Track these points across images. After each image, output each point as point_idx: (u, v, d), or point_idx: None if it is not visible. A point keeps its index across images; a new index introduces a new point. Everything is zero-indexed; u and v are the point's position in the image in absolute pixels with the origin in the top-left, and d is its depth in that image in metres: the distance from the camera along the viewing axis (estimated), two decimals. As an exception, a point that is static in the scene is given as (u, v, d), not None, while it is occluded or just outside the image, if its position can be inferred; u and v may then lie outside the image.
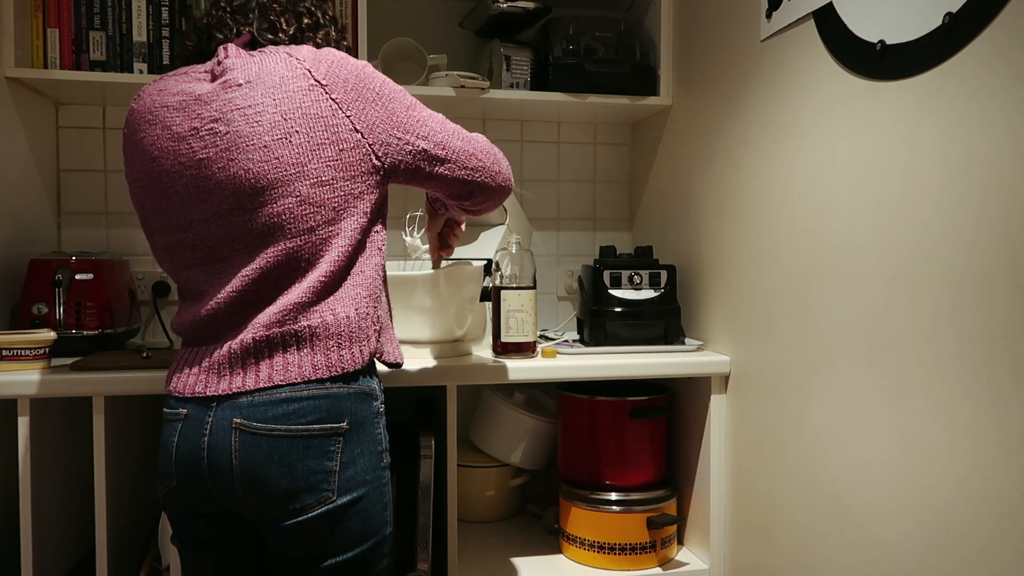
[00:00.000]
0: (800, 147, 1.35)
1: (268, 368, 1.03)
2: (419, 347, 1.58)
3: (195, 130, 1.04)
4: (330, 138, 1.04)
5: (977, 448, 0.98)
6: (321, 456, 1.03)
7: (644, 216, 2.11)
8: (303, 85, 1.04)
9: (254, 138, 1.02)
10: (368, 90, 1.08)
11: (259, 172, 1.02)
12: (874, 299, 1.16)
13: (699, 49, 1.75)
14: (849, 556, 1.22)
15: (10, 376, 1.33)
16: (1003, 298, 0.94)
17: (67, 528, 1.52)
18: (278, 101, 1.03)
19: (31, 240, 1.74)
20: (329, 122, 1.04)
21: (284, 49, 1.09)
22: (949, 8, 1.01)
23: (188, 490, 1.06)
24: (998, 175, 0.95)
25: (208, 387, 1.04)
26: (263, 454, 1.01)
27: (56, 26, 1.67)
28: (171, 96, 1.07)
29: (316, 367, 1.04)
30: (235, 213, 1.04)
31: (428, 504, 1.51)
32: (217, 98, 1.04)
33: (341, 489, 1.04)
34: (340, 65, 1.08)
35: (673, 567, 1.65)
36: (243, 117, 1.03)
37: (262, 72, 1.05)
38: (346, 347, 1.06)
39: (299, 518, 1.02)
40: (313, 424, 1.03)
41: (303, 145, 1.03)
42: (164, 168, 1.06)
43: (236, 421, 1.02)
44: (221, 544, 1.10)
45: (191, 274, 1.09)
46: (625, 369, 1.58)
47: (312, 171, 1.03)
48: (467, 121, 2.11)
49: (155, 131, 1.07)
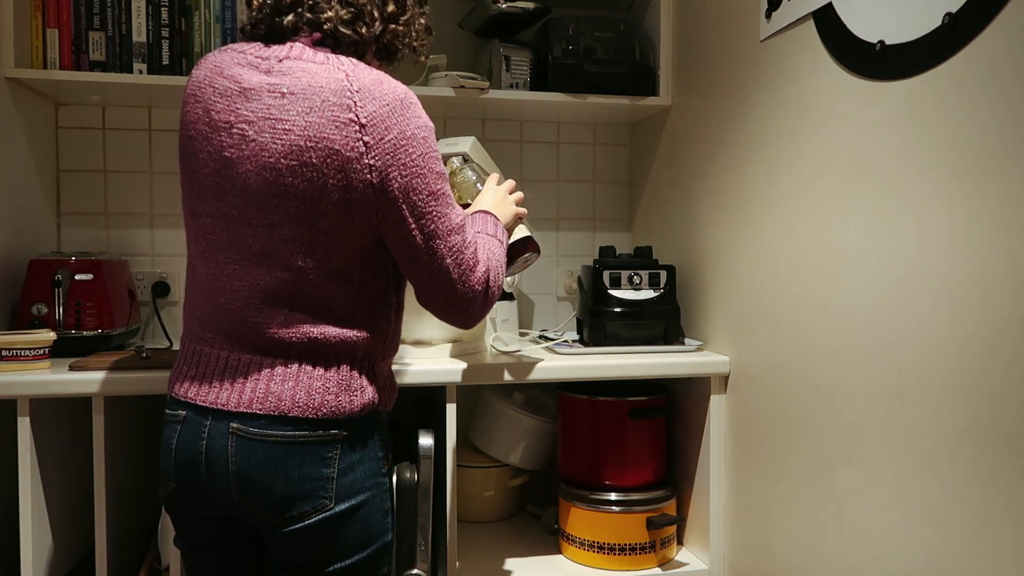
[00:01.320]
0: (799, 147, 1.35)
1: (263, 390, 1.01)
2: (419, 347, 1.59)
3: (229, 125, 1.01)
4: (344, 180, 0.98)
5: (976, 448, 0.98)
6: (318, 463, 1.01)
7: (643, 216, 2.11)
8: (341, 117, 0.97)
9: (273, 156, 0.98)
10: (406, 154, 1.00)
11: (267, 192, 0.99)
12: (874, 299, 1.16)
13: (699, 49, 1.75)
14: (848, 556, 1.22)
15: (10, 376, 1.33)
16: (1003, 298, 0.94)
17: (67, 528, 1.52)
18: (308, 125, 0.97)
19: (31, 240, 1.74)
20: (349, 165, 0.98)
21: (350, 62, 1.01)
22: (948, 8, 1.01)
23: (187, 492, 1.05)
24: (998, 175, 0.95)
25: (199, 396, 1.04)
26: (259, 460, 0.99)
27: (56, 26, 1.67)
28: (221, 78, 1.03)
29: (310, 397, 1.02)
30: (241, 224, 1.01)
31: (428, 504, 1.51)
32: (259, 99, 1.00)
33: (339, 496, 1.02)
34: (392, 114, 0.99)
35: (673, 567, 1.65)
36: (272, 130, 0.98)
37: (309, 87, 0.98)
38: (343, 393, 1.04)
39: (296, 525, 1.01)
40: (309, 432, 1.01)
41: (313, 180, 0.98)
42: (193, 150, 1.04)
43: (233, 426, 1.00)
44: (224, 546, 1.09)
45: (195, 263, 1.07)
46: (625, 369, 1.58)
47: (315, 209, 0.98)
48: (466, 121, 2.11)
49: (197, 110, 1.03)
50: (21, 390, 1.33)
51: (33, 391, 1.34)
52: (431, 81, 1.82)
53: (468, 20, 1.93)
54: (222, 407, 1.01)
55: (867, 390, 1.18)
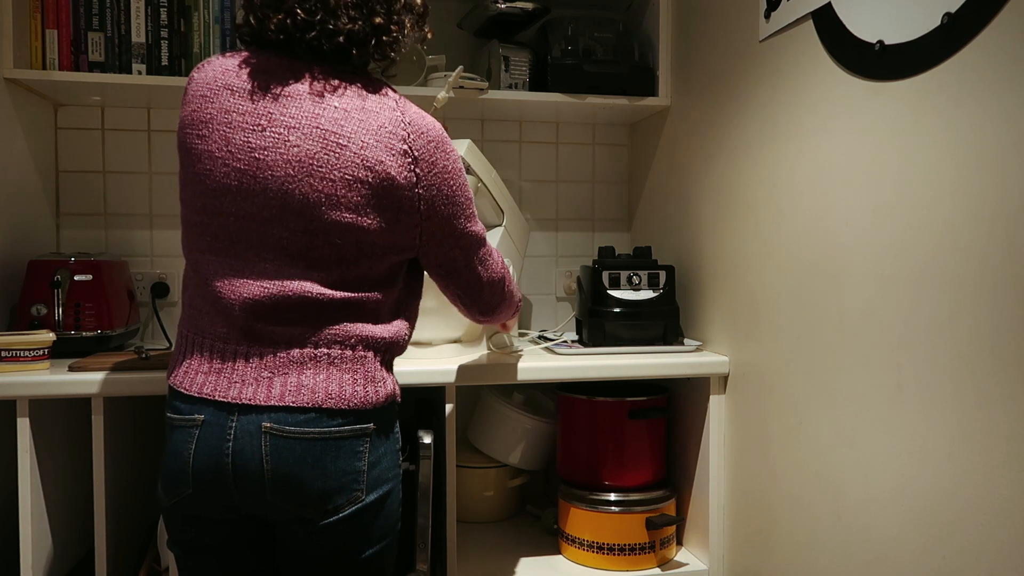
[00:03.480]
0: (799, 147, 1.35)
1: (295, 383, 1.02)
2: (419, 348, 1.59)
3: (260, 127, 1.01)
4: (394, 204, 1.05)
5: (976, 448, 0.98)
6: (351, 457, 1.04)
7: (643, 216, 2.11)
8: (396, 147, 1.04)
9: (324, 167, 1.01)
10: (448, 186, 1.10)
11: (315, 201, 1.01)
12: (873, 299, 1.16)
13: (697, 50, 1.75)
14: (848, 556, 1.23)
15: (9, 377, 1.33)
16: (1003, 298, 0.94)
17: (67, 528, 1.52)
18: (365, 145, 1.02)
19: (30, 241, 1.74)
20: (401, 192, 1.05)
21: (392, 91, 1.09)
22: (948, 8, 1.01)
23: (204, 496, 1.04)
24: (997, 175, 0.95)
25: (219, 392, 1.02)
26: (296, 457, 1.01)
27: (55, 27, 1.67)
28: (238, 80, 1.03)
29: (342, 390, 1.05)
30: (274, 225, 1.02)
31: (427, 505, 1.51)
32: (298, 105, 1.02)
33: (370, 487, 1.06)
34: (437, 149, 1.08)
35: (672, 567, 1.65)
36: (322, 140, 1.01)
37: (363, 110, 1.04)
38: (370, 385, 1.08)
39: (331, 518, 1.03)
40: (344, 426, 1.03)
41: (366, 196, 1.03)
42: (208, 149, 1.02)
43: (266, 425, 1.00)
44: (223, 549, 1.08)
45: (204, 258, 1.06)
46: (624, 370, 1.58)
47: (362, 224, 1.03)
48: (466, 122, 2.11)
49: (210, 110, 1.03)
50: (21, 391, 1.33)
51: (32, 392, 1.34)
52: (430, 81, 1.83)
53: (467, 20, 1.93)
54: (248, 402, 1.01)
55: (866, 390, 1.18)
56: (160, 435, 1.79)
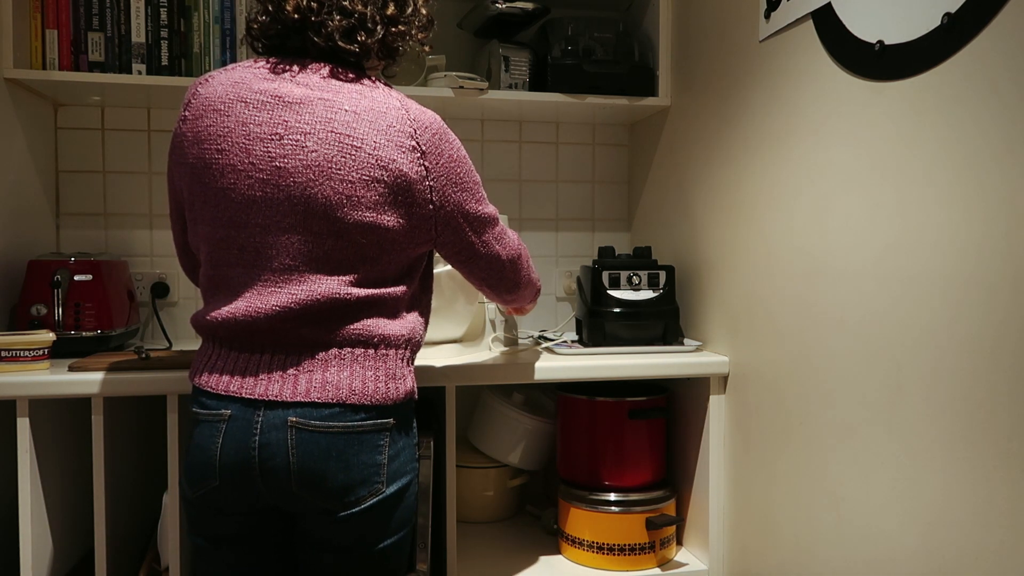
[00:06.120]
0: (799, 147, 1.35)
1: (319, 380, 1.06)
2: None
3: (277, 136, 1.04)
4: (408, 199, 1.08)
5: (976, 448, 0.98)
6: (373, 450, 1.07)
7: (643, 217, 2.11)
8: (405, 143, 1.07)
9: (343, 169, 1.04)
10: (455, 174, 1.13)
11: (337, 203, 1.04)
12: (873, 299, 1.16)
13: (697, 50, 1.75)
14: (848, 556, 1.23)
15: (9, 377, 1.33)
16: (1003, 298, 0.94)
17: (67, 528, 1.52)
18: (378, 145, 1.05)
19: (30, 241, 1.74)
20: (414, 186, 1.08)
21: (396, 95, 1.11)
22: (948, 8, 1.01)
23: (230, 488, 1.06)
24: (997, 175, 0.95)
25: (245, 389, 1.05)
26: (321, 450, 1.04)
27: (55, 27, 1.67)
28: (249, 92, 1.06)
29: (365, 385, 1.08)
30: (299, 230, 1.05)
31: (427, 505, 1.51)
32: (311, 111, 1.05)
33: (390, 479, 1.09)
34: (441, 140, 1.11)
35: (672, 568, 1.65)
36: (338, 144, 1.04)
37: (371, 110, 1.07)
38: (391, 381, 1.11)
39: (353, 510, 1.07)
40: (367, 420, 1.07)
41: (384, 194, 1.06)
42: (230, 163, 1.05)
43: (292, 419, 1.04)
44: (244, 540, 1.11)
45: (231, 272, 1.08)
46: (624, 370, 1.58)
47: (382, 222, 1.06)
48: (466, 122, 2.11)
49: (227, 123, 1.05)
50: (20, 391, 1.33)
51: (32, 392, 1.34)
52: (430, 81, 1.83)
53: (467, 20, 1.93)
54: (275, 398, 1.04)
55: (866, 390, 1.18)
56: (160, 435, 1.79)
